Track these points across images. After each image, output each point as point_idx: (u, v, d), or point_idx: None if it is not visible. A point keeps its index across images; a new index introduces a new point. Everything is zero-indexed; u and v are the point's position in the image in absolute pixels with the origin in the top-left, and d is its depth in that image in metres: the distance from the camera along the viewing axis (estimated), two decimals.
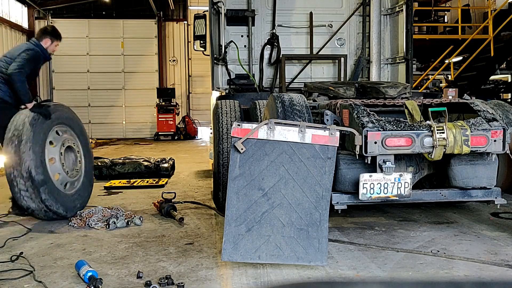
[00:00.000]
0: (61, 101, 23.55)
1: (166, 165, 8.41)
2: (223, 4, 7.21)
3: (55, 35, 5.50)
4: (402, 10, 7.18)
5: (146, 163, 8.33)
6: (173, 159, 9.01)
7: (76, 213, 5.12)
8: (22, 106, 5.08)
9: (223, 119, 5.24)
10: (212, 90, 7.43)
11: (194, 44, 7.80)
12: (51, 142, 5.07)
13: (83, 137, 5.73)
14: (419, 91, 9.65)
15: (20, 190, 4.71)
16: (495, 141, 3.90)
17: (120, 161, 8.35)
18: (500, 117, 4.18)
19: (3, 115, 5.05)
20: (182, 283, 3.17)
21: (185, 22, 20.35)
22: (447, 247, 4.00)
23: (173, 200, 5.55)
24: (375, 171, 3.81)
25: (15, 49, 5.45)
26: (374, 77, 7.22)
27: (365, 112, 3.98)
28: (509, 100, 15.28)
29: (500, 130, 3.91)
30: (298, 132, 3.53)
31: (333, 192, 3.89)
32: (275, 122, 3.56)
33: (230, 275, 3.44)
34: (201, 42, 7.63)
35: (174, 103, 19.02)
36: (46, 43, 5.41)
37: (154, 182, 7.54)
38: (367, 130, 3.77)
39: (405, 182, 3.79)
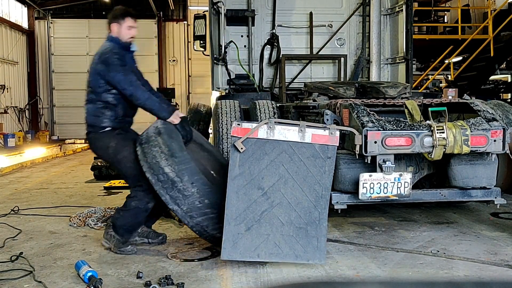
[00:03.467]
0: (61, 101, 23.42)
1: None
2: (223, 4, 7.21)
3: (118, 16, 4.09)
4: (402, 10, 7.18)
5: None
6: None
7: None
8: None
9: (223, 119, 5.24)
10: (212, 90, 7.44)
11: (194, 44, 7.80)
12: None
13: None
14: (419, 91, 9.65)
15: None
16: (495, 141, 3.90)
17: None
18: (500, 117, 4.18)
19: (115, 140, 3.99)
20: (182, 283, 3.17)
21: (185, 22, 20.35)
22: (447, 247, 4.00)
23: None
24: (375, 171, 3.81)
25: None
26: (374, 77, 7.22)
27: (365, 112, 3.98)
28: (509, 100, 15.26)
29: (500, 130, 3.91)
30: (298, 131, 3.53)
31: (333, 192, 3.88)
32: (275, 122, 3.56)
33: (230, 275, 3.44)
34: (201, 42, 7.63)
35: (174, 103, 19.01)
36: (113, 29, 4.06)
37: None
38: (367, 130, 3.77)
39: (405, 182, 3.79)
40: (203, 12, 7.79)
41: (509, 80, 16.61)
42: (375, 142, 3.76)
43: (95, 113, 4.00)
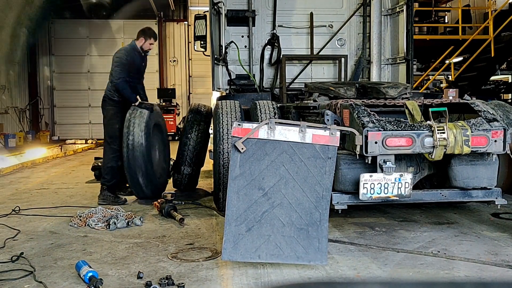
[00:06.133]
0: (61, 101, 23.42)
1: None
2: (223, 5, 7.21)
3: (148, 34, 6.32)
4: (402, 10, 7.18)
5: None
6: (173, 159, 8.99)
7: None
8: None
9: (223, 119, 5.24)
10: (213, 90, 7.44)
11: (194, 45, 7.80)
12: None
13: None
14: (420, 91, 9.65)
15: None
16: (495, 141, 3.90)
17: None
18: (500, 117, 4.19)
19: (110, 110, 6.18)
20: (182, 283, 3.17)
21: (186, 22, 20.35)
22: (448, 248, 4.00)
23: (173, 201, 5.54)
24: (375, 171, 3.81)
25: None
26: (374, 78, 7.22)
27: (365, 112, 3.98)
28: (510, 100, 15.27)
29: (500, 131, 3.91)
30: (298, 132, 3.53)
31: (333, 192, 3.88)
32: (275, 122, 3.56)
33: (231, 275, 3.44)
34: (202, 42, 7.63)
35: (175, 104, 19.01)
36: (140, 42, 6.27)
37: None
38: (367, 130, 3.77)
39: (405, 182, 3.79)
40: (204, 12, 7.78)
41: (510, 81, 16.61)
42: (376, 143, 3.76)
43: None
